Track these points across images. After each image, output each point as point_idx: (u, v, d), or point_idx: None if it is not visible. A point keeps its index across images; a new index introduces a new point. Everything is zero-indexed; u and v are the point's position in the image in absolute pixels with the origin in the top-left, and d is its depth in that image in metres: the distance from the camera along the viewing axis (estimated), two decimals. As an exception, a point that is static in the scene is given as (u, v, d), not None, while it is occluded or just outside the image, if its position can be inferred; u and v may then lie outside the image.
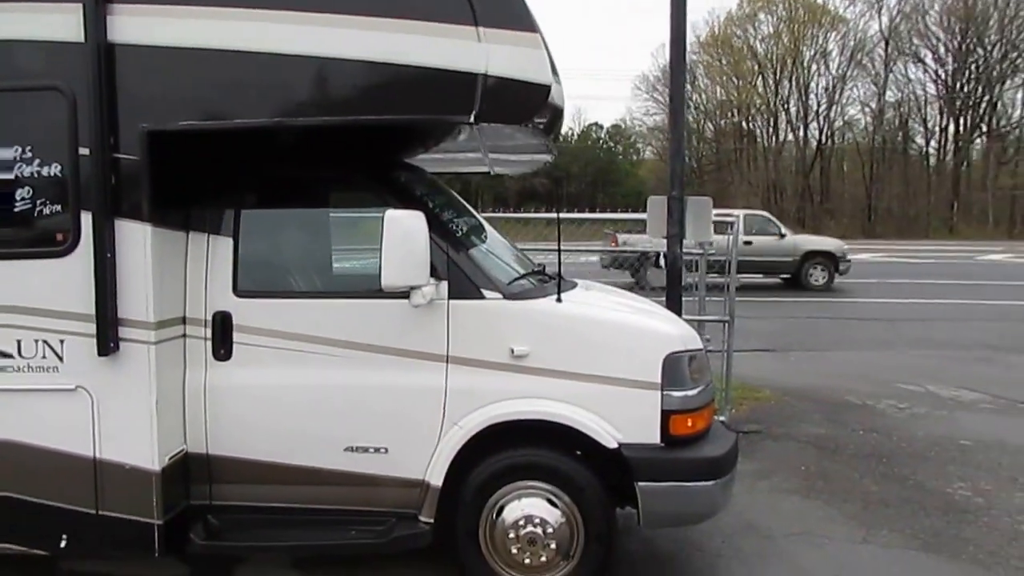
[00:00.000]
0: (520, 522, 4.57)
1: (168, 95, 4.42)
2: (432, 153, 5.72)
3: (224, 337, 4.70)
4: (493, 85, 4.18)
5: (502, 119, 4.33)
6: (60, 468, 4.54)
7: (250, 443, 4.72)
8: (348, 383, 4.63)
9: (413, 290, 4.36)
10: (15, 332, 4.51)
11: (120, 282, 4.44)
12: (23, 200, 4.51)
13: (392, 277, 4.23)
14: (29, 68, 4.43)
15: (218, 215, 4.79)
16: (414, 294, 4.37)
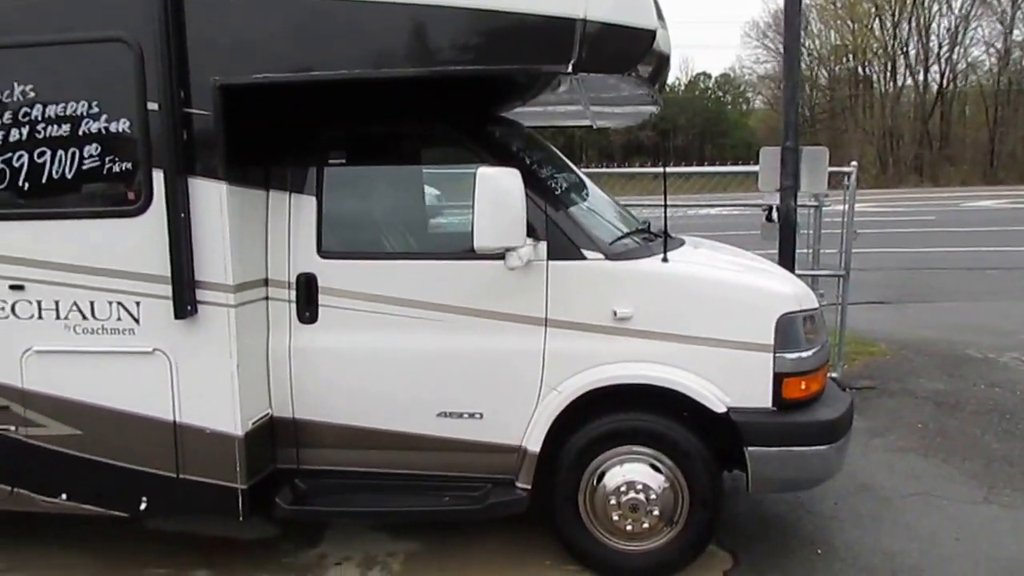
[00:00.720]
0: (622, 488, 4.56)
1: (242, 46, 4.24)
2: (530, 106, 5.55)
3: (309, 299, 4.66)
4: (593, 31, 3.96)
5: (603, 68, 4.13)
6: (139, 431, 4.55)
7: (338, 407, 4.72)
8: (441, 347, 4.58)
9: (508, 252, 4.28)
10: (88, 293, 4.48)
11: (196, 243, 4.36)
12: (91, 158, 4.43)
13: (485, 238, 4.16)
14: (93, 19, 4.29)
15: (300, 173, 4.65)
16: (509, 256, 4.29)
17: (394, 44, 4.16)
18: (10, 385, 4.60)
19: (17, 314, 4.55)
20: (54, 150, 4.43)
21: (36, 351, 4.56)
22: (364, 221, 4.92)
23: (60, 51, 4.38)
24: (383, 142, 4.89)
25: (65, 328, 4.52)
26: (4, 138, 4.45)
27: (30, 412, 4.60)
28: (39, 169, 4.45)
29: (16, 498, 4.69)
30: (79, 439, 4.59)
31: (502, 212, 4.04)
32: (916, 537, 5.04)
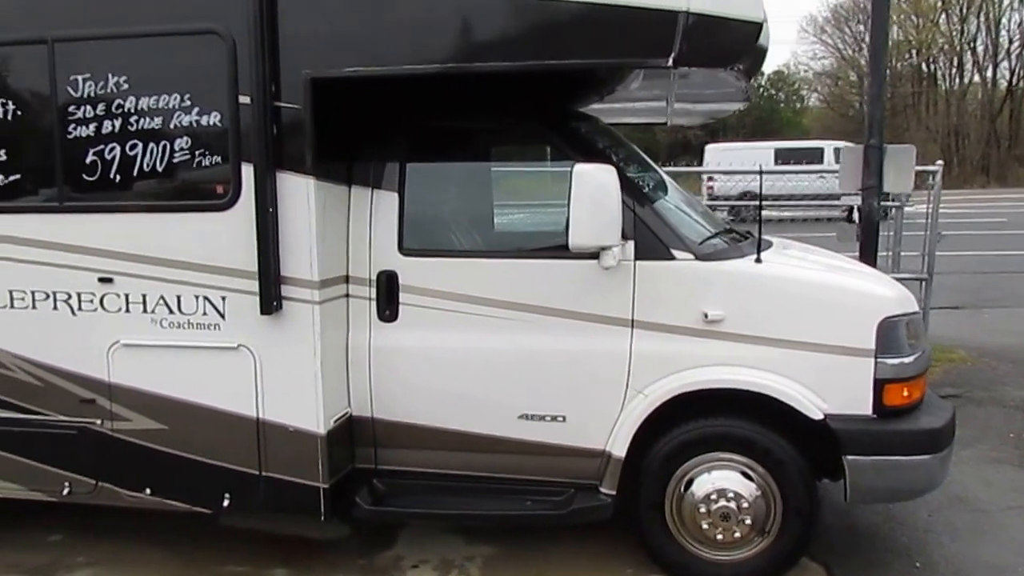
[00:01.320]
0: (712, 496, 4.47)
1: (333, 39, 4.26)
2: (606, 102, 5.53)
3: (390, 298, 4.66)
4: (695, 24, 3.90)
5: (705, 62, 4.07)
6: (222, 427, 4.58)
7: (418, 408, 4.70)
8: (523, 348, 4.55)
9: (603, 251, 4.25)
10: (175, 287, 4.53)
11: (283, 238, 4.39)
12: (181, 151, 4.49)
13: (581, 237, 4.11)
14: (187, 11, 4.34)
15: (382, 169, 4.66)
16: (604, 255, 4.24)
17: (488, 37, 4.15)
18: (97, 378, 4.66)
19: (105, 307, 4.61)
20: (145, 143, 4.49)
21: (123, 344, 4.61)
22: (446, 218, 4.92)
23: (154, 43, 4.44)
24: (467, 138, 4.89)
25: (151, 322, 4.57)
26: (97, 130, 4.51)
27: (116, 406, 4.65)
28: (130, 161, 4.51)
29: (100, 492, 4.75)
30: (164, 434, 4.63)
31: (599, 210, 4.00)
32: (1022, 551, 4.83)
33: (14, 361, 4.75)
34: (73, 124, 4.54)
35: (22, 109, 4.64)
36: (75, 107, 4.53)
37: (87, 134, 4.54)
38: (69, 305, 4.65)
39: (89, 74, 4.50)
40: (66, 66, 4.51)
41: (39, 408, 4.75)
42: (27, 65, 4.59)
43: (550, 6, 4.01)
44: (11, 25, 4.54)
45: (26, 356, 4.74)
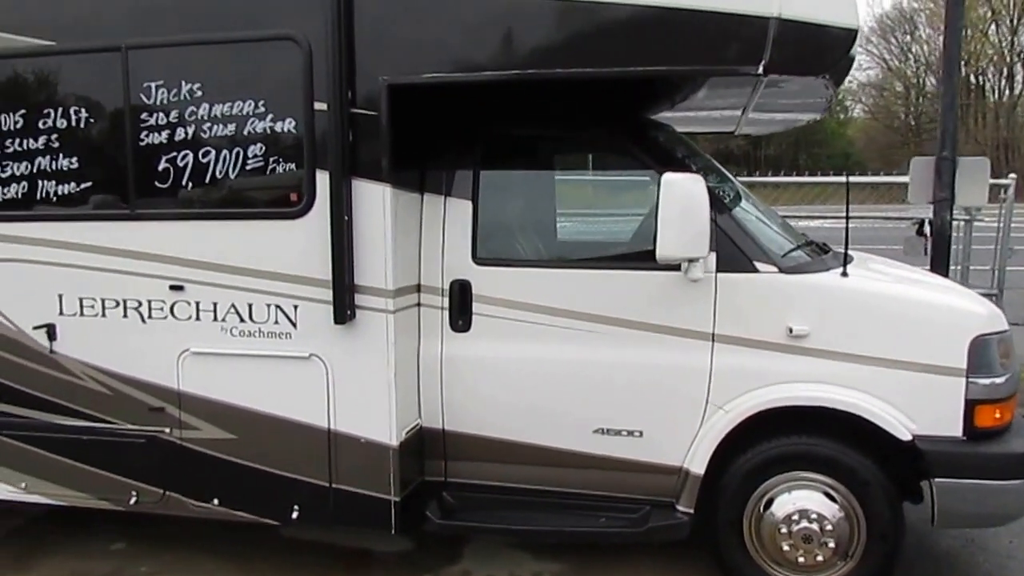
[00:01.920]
0: (793, 517, 4.38)
1: (411, 45, 4.24)
2: (675, 111, 5.48)
3: (463, 307, 4.62)
4: (786, 30, 3.86)
5: (796, 70, 4.00)
6: (293, 438, 4.56)
7: (489, 420, 4.65)
8: (600, 361, 4.50)
9: (691, 262, 4.20)
10: (246, 295, 4.53)
11: (357, 246, 4.37)
12: (255, 158, 4.49)
13: (670, 248, 4.06)
14: (262, 17, 4.35)
15: (456, 176, 4.64)
16: (692, 267, 4.19)
17: (573, 43, 4.11)
18: (166, 386, 4.67)
19: (175, 315, 4.62)
20: (219, 150, 4.49)
21: (193, 352, 4.61)
22: (521, 227, 4.87)
23: (228, 50, 4.45)
24: (543, 146, 4.86)
25: (222, 330, 4.57)
26: (170, 137, 4.53)
27: (185, 414, 4.65)
28: (203, 169, 4.52)
29: (168, 502, 4.75)
30: (233, 444, 4.63)
31: (689, 221, 3.95)
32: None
33: (84, 369, 4.76)
34: (146, 131, 4.56)
35: (94, 117, 4.67)
36: (148, 114, 4.55)
37: (160, 141, 4.55)
38: (139, 313, 4.66)
39: (162, 81, 4.52)
40: (139, 73, 4.53)
41: (108, 417, 4.77)
42: (100, 73, 4.61)
43: (636, 11, 3.96)
44: (85, 33, 4.57)
45: (96, 364, 4.76)
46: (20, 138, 4.74)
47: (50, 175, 4.71)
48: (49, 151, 4.70)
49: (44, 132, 4.70)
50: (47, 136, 4.70)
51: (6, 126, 4.75)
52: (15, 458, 4.96)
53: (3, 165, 4.77)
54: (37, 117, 4.70)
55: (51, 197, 4.73)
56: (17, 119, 4.73)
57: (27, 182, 4.74)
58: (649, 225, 4.67)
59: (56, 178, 4.71)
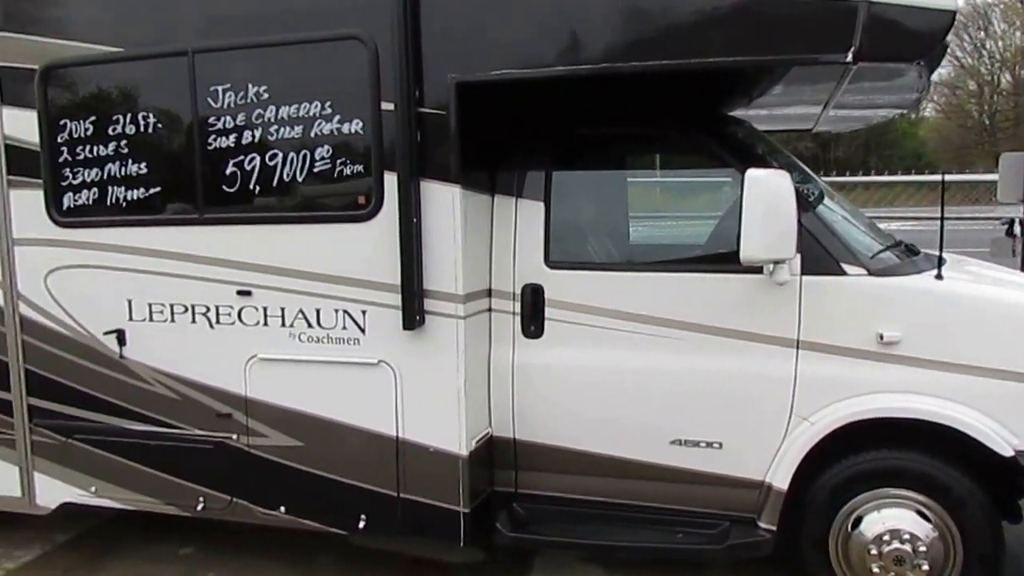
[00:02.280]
0: (884, 537, 4.15)
1: (479, 41, 4.14)
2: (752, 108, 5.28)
3: (535, 312, 4.51)
4: (878, 13, 3.64)
5: (889, 56, 3.80)
6: (361, 446, 4.49)
7: (562, 429, 4.52)
8: (678, 369, 4.34)
9: (777, 264, 4.01)
10: (314, 300, 4.47)
11: (426, 250, 4.28)
12: (322, 160, 4.43)
13: (754, 249, 3.88)
14: (327, 18, 4.29)
15: (527, 177, 4.53)
16: (778, 269, 4.00)
17: (650, 35, 3.95)
18: (234, 392, 4.64)
19: (243, 320, 4.59)
20: (285, 153, 4.45)
21: (260, 358, 4.58)
22: (595, 229, 4.76)
23: (294, 51, 4.40)
24: (617, 145, 4.72)
25: (290, 336, 4.52)
26: (237, 140, 4.50)
27: (252, 421, 4.62)
28: (270, 172, 4.48)
29: (235, 508, 4.73)
30: (300, 451, 4.58)
31: (774, 219, 3.77)
32: None
33: (153, 375, 4.77)
34: (213, 135, 4.54)
35: (162, 122, 4.67)
36: (215, 118, 4.52)
37: (227, 145, 4.53)
38: (207, 318, 4.64)
39: (228, 84, 4.49)
40: (206, 77, 4.52)
41: (176, 422, 4.77)
42: (166, 78, 4.61)
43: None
44: (152, 39, 4.58)
45: (165, 370, 4.77)
46: (90, 145, 4.77)
47: (119, 181, 4.73)
48: (118, 157, 4.71)
49: (113, 138, 4.72)
50: (116, 142, 4.72)
51: (76, 133, 4.77)
52: (85, 462, 5.00)
53: (74, 172, 4.80)
54: (106, 124, 4.72)
55: (120, 203, 4.74)
56: (87, 126, 4.76)
57: (97, 188, 4.77)
58: (727, 226, 4.52)
59: (125, 184, 4.72)
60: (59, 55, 4.73)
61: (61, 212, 4.84)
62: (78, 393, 4.95)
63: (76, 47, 4.71)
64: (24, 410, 5.06)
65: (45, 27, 4.76)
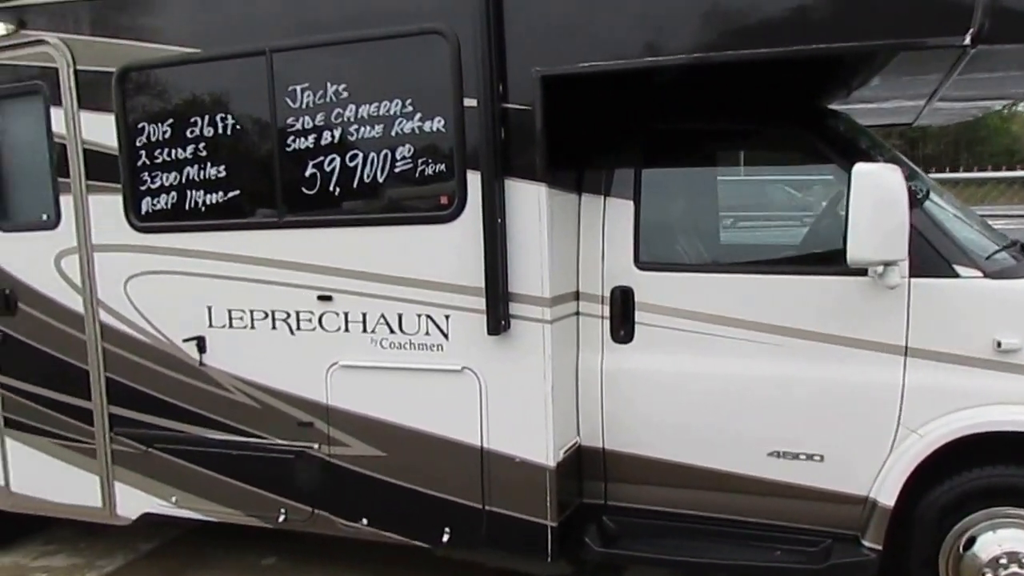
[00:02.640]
0: (1001, 560, 3.87)
1: (565, 33, 3.99)
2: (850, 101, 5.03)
3: (625, 316, 4.36)
4: None
5: (1014, 38, 3.59)
6: (444, 456, 4.38)
7: (653, 439, 4.35)
8: (777, 376, 4.13)
9: (887, 266, 3.80)
10: (396, 305, 4.38)
11: (511, 252, 4.15)
12: (403, 160, 4.33)
13: (862, 249, 3.66)
14: (407, 12, 4.18)
15: (616, 175, 4.37)
16: (888, 272, 3.77)
17: (748, 21, 3.76)
18: (315, 401, 4.57)
19: (324, 326, 4.52)
20: (366, 153, 4.36)
21: (342, 366, 4.50)
22: (688, 229, 4.58)
23: (373, 47, 4.30)
24: (711, 141, 4.54)
25: (371, 342, 4.44)
26: (316, 141, 4.43)
27: (334, 430, 4.55)
28: (350, 173, 4.40)
29: (316, 520, 4.66)
30: (383, 461, 4.49)
31: (885, 217, 3.55)
32: None
33: (233, 382, 4.73)
34: (292, 136, 4.47)
35: (240, 123, 4.62)
36: (294, 119, 4.46)
37: (306, 146, 4.46)
38: (288, 324, 4.58)
39: (307, 84, 4.42)
40: (284, 77, 4.45)
41: (257, 431, 4.72)
42: (245, 78, 4.56)
43: None
44: (229, 38, 4.55)
45: (245, 377, 4.72)
46: (168, 148, 4.75)
47: (198, 184, 4.70)
48: (197, 160, 4.68)
49: (192, 141, 4.69)
50: (195, 145, 4.68)
51: (155, 136, 4.76)
52: (166, 471, 4.98)
53: (152, 176, 4.78)
54: (185, 126, 4.69)
55: (199, 207, 4.71)
56: (165, 129, 4.74)
57: (176, 192, 4.74)
58: (825, 225, 4.31)
59: (204, 187, 4.69)
60: (136, 57, 4.72)
61: (140, 217, 4.82)
62: (158, 401, 4.93)
63: (153, 48, 4.70)
64: (105, 419, 5.06)
65: (121, 29, 4.76)
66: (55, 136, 4.96)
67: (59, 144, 4.95)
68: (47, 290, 5.13)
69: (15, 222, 5.23)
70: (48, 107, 4.95)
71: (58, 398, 5.19)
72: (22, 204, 5.21)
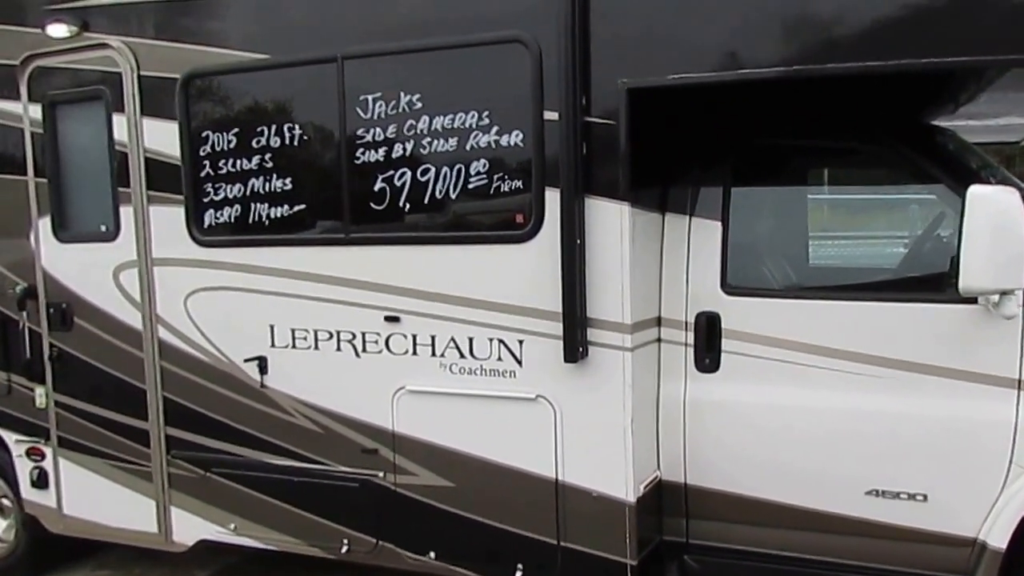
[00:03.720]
0: None
1: (654, 42, 3.87)
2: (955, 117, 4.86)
3: (710, 343, 4.22)
4: None
5: None
6: (516, 488, 4.27)
7: (740, 475, 4.22)
8: (876, 410, 3.96)
9: (1004, 295, 3.64)
10: (468, 328, 4.29)
11: (591, 274, 4.02)
12: (478, 175, 4.23)
13: (978, 277, 3.49)
14: (487, 18, 4.08)
15: (703, 193, 4.24)
16: (1005, 300, 3.63)
17: (854, 32, 3.62)
18: (380, 427, 4.50)
19: (391, 349, 4.44)
20: (439, 167, 4.27)
21: (409, 391, 4.43)
22: (780, 252, 4.43)
23: (450, 56, 4.21)
24: (806, 158, 4.39)
25: (440, 366, 4.35)
26: (387, 154, 4.35)
27: (400, 458, 4.47)
28: (421, 188, 4.31)
29: (381, 552, 4.58)
30: (451, 492, 4.40)
31: (1004, 244, 3.40)
32: None
33: (295, 405, 4.67)
34: (361, 149, 4.39)
35: (308, 134, 4.55)
36: (364, 130, 4.38)
37: (376, 159, 4.37)
38: (353, 346, 4.51)
39: (380, 93, 4.33)
40: (355, 86, 4.37)
41: (319, 457, 4.66)
42: (314, 87, 4.49)
43: None
44: (299, 44, 4.48)
45: (307, 400, 4.66)
46: (233, 158, 4.69)
47: (263, 197, 4.64)
48: (262, 172, 4.62)
49: (257, 152, 4.62)
50: (260, 156, 4.62)
51: (219, 146, 4.70)
52: (224, 497, 4.93)
53: (216, 187, 4.73)
54: (250, 136, 4.62)
55: (264, 221, 4.65)
56: (230, 138, 4.68)
57: (239, 205, 4.69)
58: (929, 248, 4.14)
59: (269, 200, 4.62)
60: (201, 63, 4.67)
61: (202, 230, 4.78)
62: (217, 423, 4.87)
63: (219, 54, 4.64)
64: (162, 440, 5.02)
65: (187, 33, 4.71)
66: (116, 144, 4.91)
67: (120, 152, 4.91)
68: (105, 304, 5.09)
69: (73, 232, 5.18)
70: (110, 113, 4.91)
71: (114, 417, 5.14)
72: (80, 214, 5.17)
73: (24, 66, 5.13)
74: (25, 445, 5.39)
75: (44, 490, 5.38)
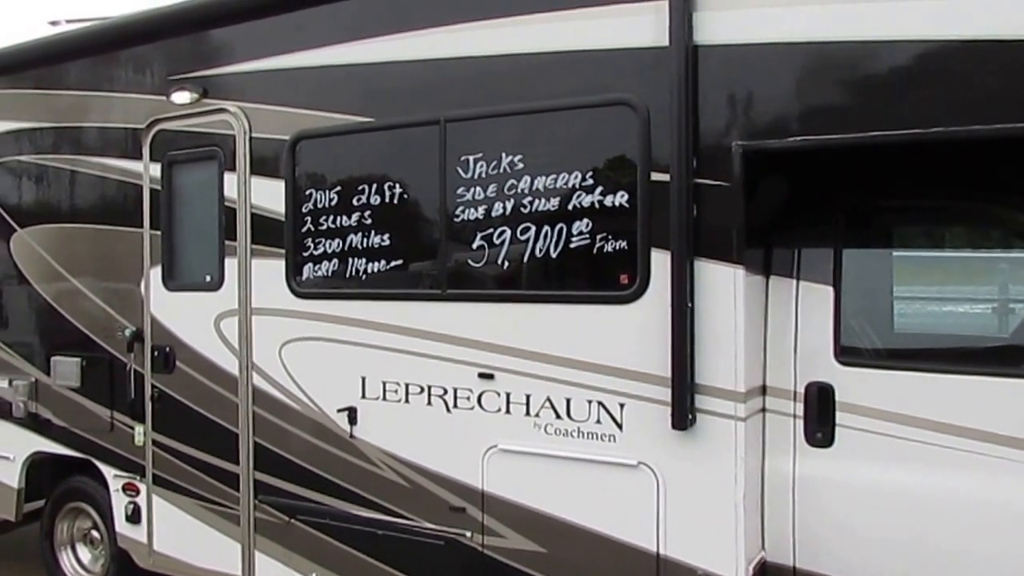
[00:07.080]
0: None
1: (770, 104, 2.76)
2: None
3: (823, 417, 2.92)
4: None
5: None
6: (612, 558, 3.01)
7: (856, 561, 2.89)
8: (1008, 497, 2.66)
9: None
10: (565, 388, 3.07)
11: (700, 339, 2.84)
12: (580, 235, 3.05)
13: None
14: (593, 81, 3.00)
15: (811, 256, 3.03)
16: None
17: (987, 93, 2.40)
18: (469, 485, 3.23)
19: (483, 406, 3.17)
20: (539, 226, 3.11)
21: (501, 449, 3.16)
22: (902, 320, 3.11)
23: (554, 118, 3.11)
24: (922, 219, 3.11)
25: (535, 426, 3.09)
26: (487, 212, 3.20)
27: (489, 518, 3.17)
28: (521, 247, 3.15)
29: (464, 615, 3.18)
30: (542, 558, 3.11)
31: None
32: None
33: (383, 458, 3.41)
34: (461, 207, 3.27)
35: (408, 192, 3.41)
36: (464, 188, 3.26)
37: (475, 217, 3.25)
38: (444, 401, 3.24)
39: (481, 154, 3.23)
40: (457, 146, 3.27)
41: (405, 512, 3.39)
42: (415, 147, 3.41)
43: None
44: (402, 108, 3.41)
45: (395, 454, 3.41)
46: (334, 215, 3.59)
47: (361, 252, 3.52)
48: (361, 228, 3.52)
49: (357, 209, 3.52)
50: (360, 213, 3.52)
51: (321, 203, 3.61)
52: (307, 545, 3.68)
53: (316, 242, 3.62)
54: (351, 194, 3.54)
55: (360, 275, 3.52)
56: (332, 196, 3.58)
57: (338, 259, 3.57)
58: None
59: (367, 256, 3.50)
60: (309, 126, 3.61)
61: (300, 283, 3.64)
62: (304, 471, 3.67)
63: (326, 117, 3.58)
64: (250, 484, 3.78)
65: (296, 98, 3.66)
66: (226, 200, 3.87)
67: (229, 208, 3.85)
68: (205, 350, 3.95)
69: (180, 282, 4.09)
70: (222, 172, 3.88)
71: (207, 459, 3.94)
72: (188, 265, 4.10)
73: (149, 129, 4.14)
74: (122, 480, 4.18)
75: (137, 525, 4.15)
